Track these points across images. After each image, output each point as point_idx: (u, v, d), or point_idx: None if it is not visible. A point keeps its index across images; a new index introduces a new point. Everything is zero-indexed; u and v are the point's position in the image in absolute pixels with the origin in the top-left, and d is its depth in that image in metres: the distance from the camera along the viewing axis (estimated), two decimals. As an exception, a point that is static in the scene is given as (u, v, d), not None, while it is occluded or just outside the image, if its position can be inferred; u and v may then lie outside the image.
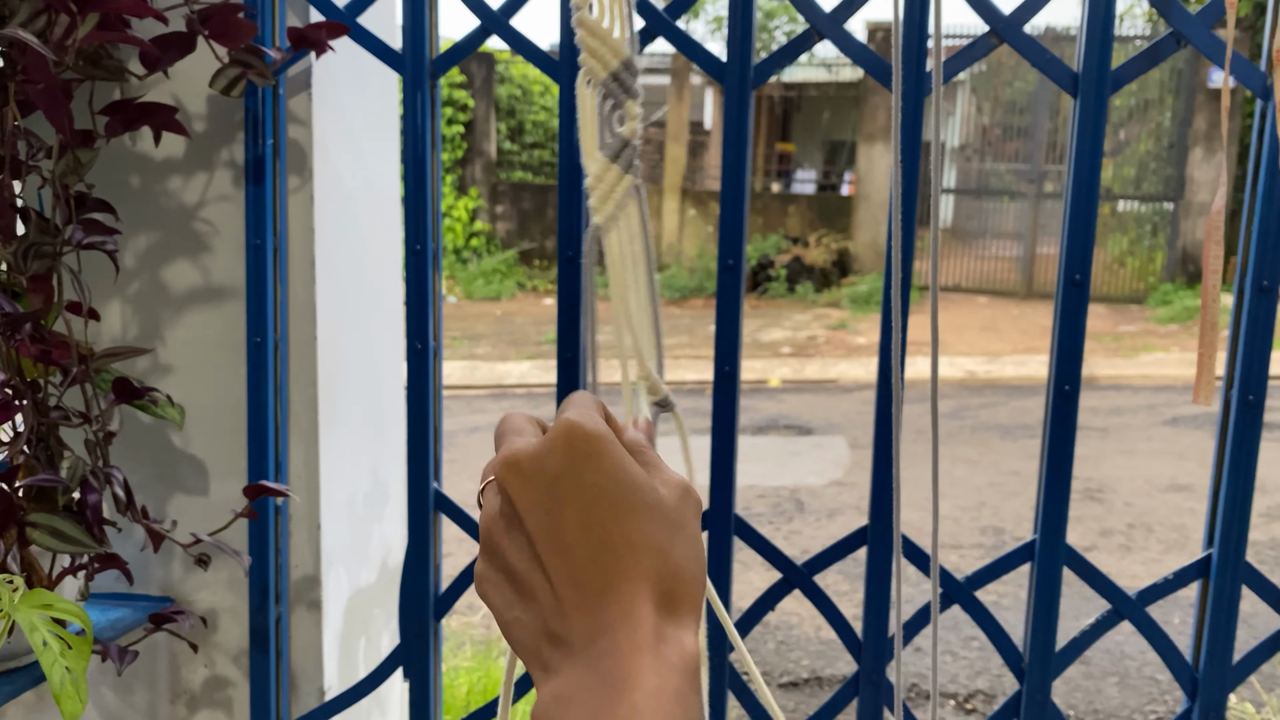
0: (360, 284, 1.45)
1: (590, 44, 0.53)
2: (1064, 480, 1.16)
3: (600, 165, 0.55)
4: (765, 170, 15.14)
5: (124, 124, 1.13)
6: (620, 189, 0.54)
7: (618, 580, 0.42)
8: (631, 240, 0.55)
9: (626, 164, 0.55)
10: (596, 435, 0.43)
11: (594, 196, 0.54)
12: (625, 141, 0.54)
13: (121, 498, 1.13)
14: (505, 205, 12.16)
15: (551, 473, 0.43)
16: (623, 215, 0.55)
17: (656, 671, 0.40)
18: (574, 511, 0.43)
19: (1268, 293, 1.09)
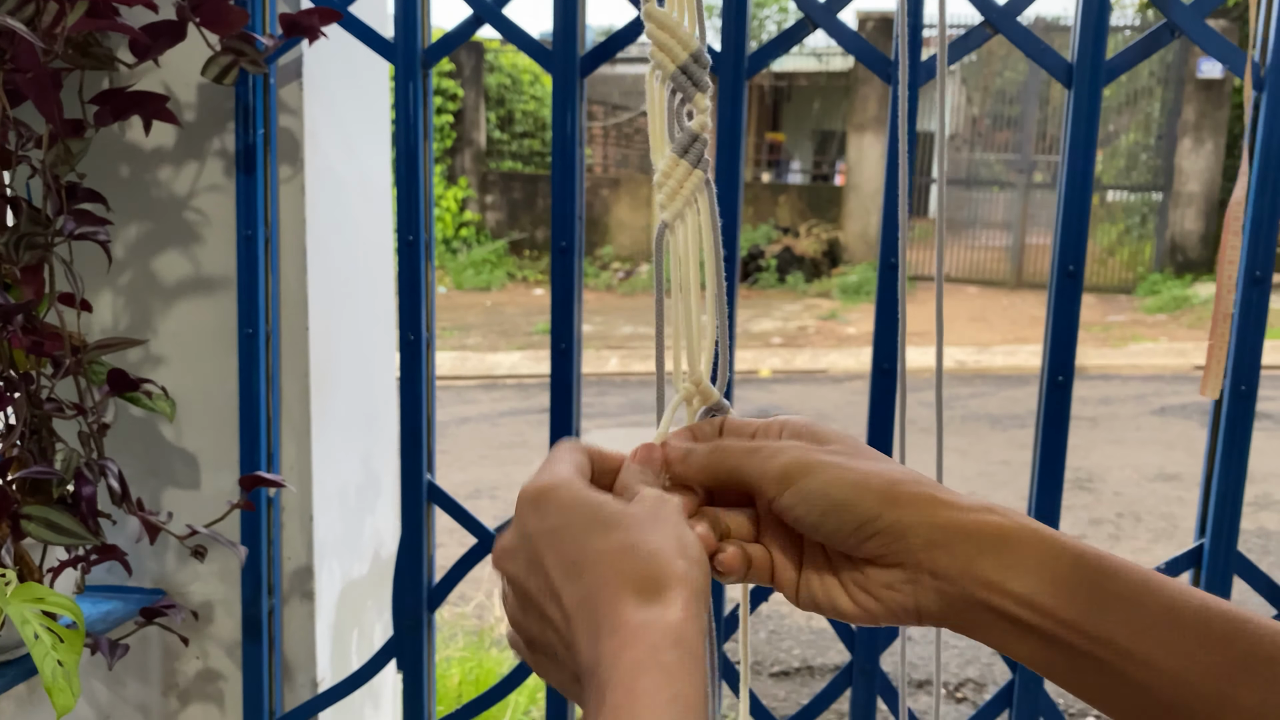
0: (352, 275, 1.45)
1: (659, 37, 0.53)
2: (1057, 470, 1.16)
3: (669, 161, 0.54)
4: (756, 160, 15.13)
5: (114, 113, 1.12)
6: (689, 184, 0.54)
7: (597, 595, 0.44)
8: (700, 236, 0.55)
9: (696, 159, 0.54)
10: (544, 488, 0.47)
11: (662, 192, 0.54)
12: (694, 135, 0.54)
13: (116, 490, 1.12)
14: (495, 195, 12.13)
15: (525, 535, 0.47)
16: (690, 211, 0.54)
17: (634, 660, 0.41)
18: (550, 558, 0.46)
19: (1260, 283, 1.09)
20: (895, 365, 1.20)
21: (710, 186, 0.55)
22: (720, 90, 1.17)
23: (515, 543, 0.47)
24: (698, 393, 0.55)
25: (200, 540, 1.16)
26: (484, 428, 6.04)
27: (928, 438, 4.30)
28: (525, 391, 7.02)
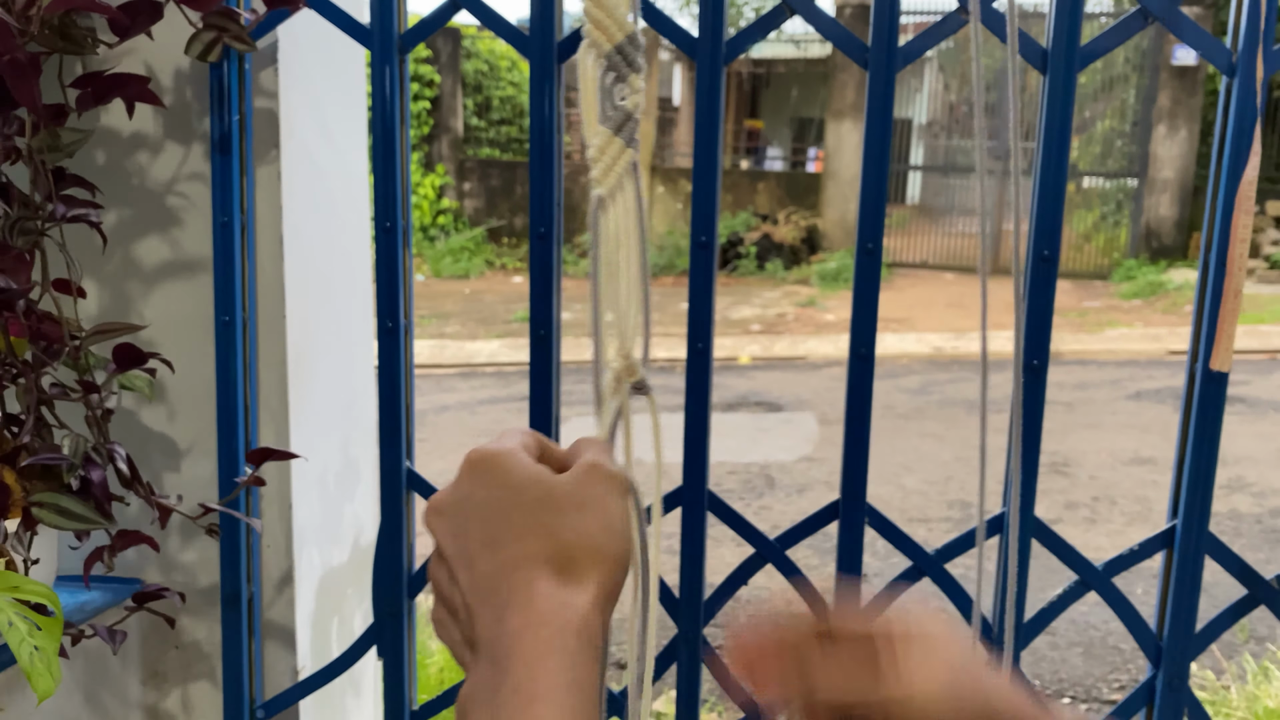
0: (330, 261, 1.44)
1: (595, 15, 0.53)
2: (1033, 454, 1.17)
3: (603, 138, 0.54)
4: (734, 147, 15.12)
5: (96, 97, 1.11)
6: (622, 162, 0.55)
7: (509, 570, 0.45)
8: (627, 216, 0.55)
9: (628, 138, 0.55)
10: (490, 454, 0.48)
11: (597, 169, 0.54)
12: (628, 115, 0.55)
13: (125, 473, 1.12)
14: (473, 182, 12.08)
15: (457, 500, 0.48)
16: (620, 191, 0.55)
17: (538, 639, 0.43)
18: (474, 526, 0.47)
19: (1223, 267, 1.10)
20: (872, 350, 1.21)
21: (637, 169, 0.56)
22: (698, 76, 1.17)
23: (447, 503, 0.48)
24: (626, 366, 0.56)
25: (212, 520, 1.16)
26: (463, 416, 6.04)
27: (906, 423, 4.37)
28: (504, 379, 7.01)
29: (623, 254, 0.55)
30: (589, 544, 0.46)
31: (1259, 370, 7.02)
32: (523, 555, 0.45)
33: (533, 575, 0.45)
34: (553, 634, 0.43)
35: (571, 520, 0.46)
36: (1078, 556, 1.19)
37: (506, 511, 0.46)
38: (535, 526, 0.46)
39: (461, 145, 12.11)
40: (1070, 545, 1.20)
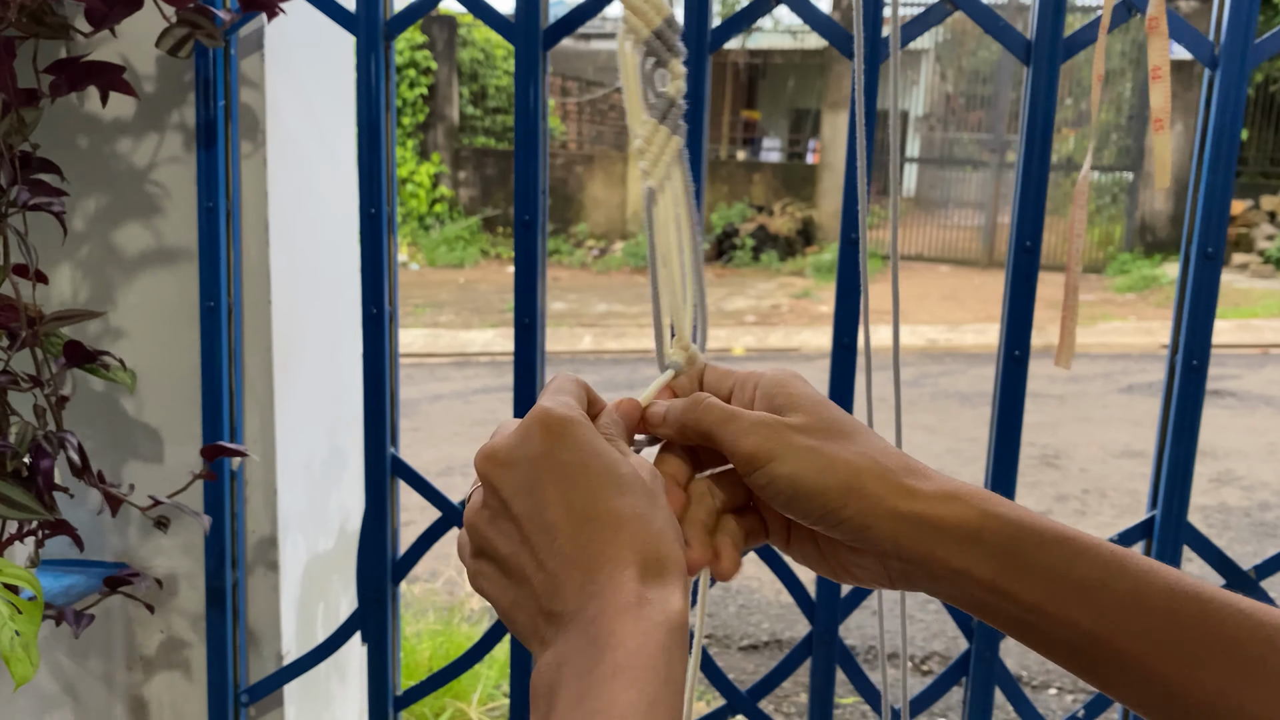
0: (316, 248, 1.44)
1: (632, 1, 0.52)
2: (1013, 443, 1.18)
3: (649, 127, 0.53)
4: (731, 138, 15.10)
5: (70, 83, 1.10)
6: (670, 151, 0.53)
7: (603, 549, 0.43)
8: (677, 204, 0.54)
9: (674, 125, 0.53)
10: (568, 419, 0.45)
11: (646, 159, 0.53)
12: (671, 101, 0.53)
13: (76, 462, 1.12)
14: (468, 171, 12.06)
15: (530, 457, 0.45)
16: (669, 180, 0.54)
17: (640, 630, 0.41)
18: (555, 490, 0.44)
19: (1211, 260, 1.11)
20: (855, 340, 1.21)
21: (685, 155, 0.54)
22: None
23: (514, 456, 0.45)
24: (689, 358, 0.55)
25: (163, 511, 1.16)
26: (456, 405, 6.04)
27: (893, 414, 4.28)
28: (498, 369, 7.01)
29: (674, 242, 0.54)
30: (670, 540, 0.45)
31: (1250, 365, 7.04)
32: (622, 535, 0.43)
33: (629, 561, 0.43)
34: (656, 625, 0.41)
35: (656, 513, 0.45)
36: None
37: (595, 486, 0.44)
38: (630, 510, 0.44)
39: (457, 134, 12.09)
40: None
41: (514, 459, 0.45)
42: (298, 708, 1.46)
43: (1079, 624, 0.44)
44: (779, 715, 2.76)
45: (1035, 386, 6.35)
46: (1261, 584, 1.19)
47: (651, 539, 0.44)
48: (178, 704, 1.43)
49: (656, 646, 0.41)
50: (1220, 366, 6.83)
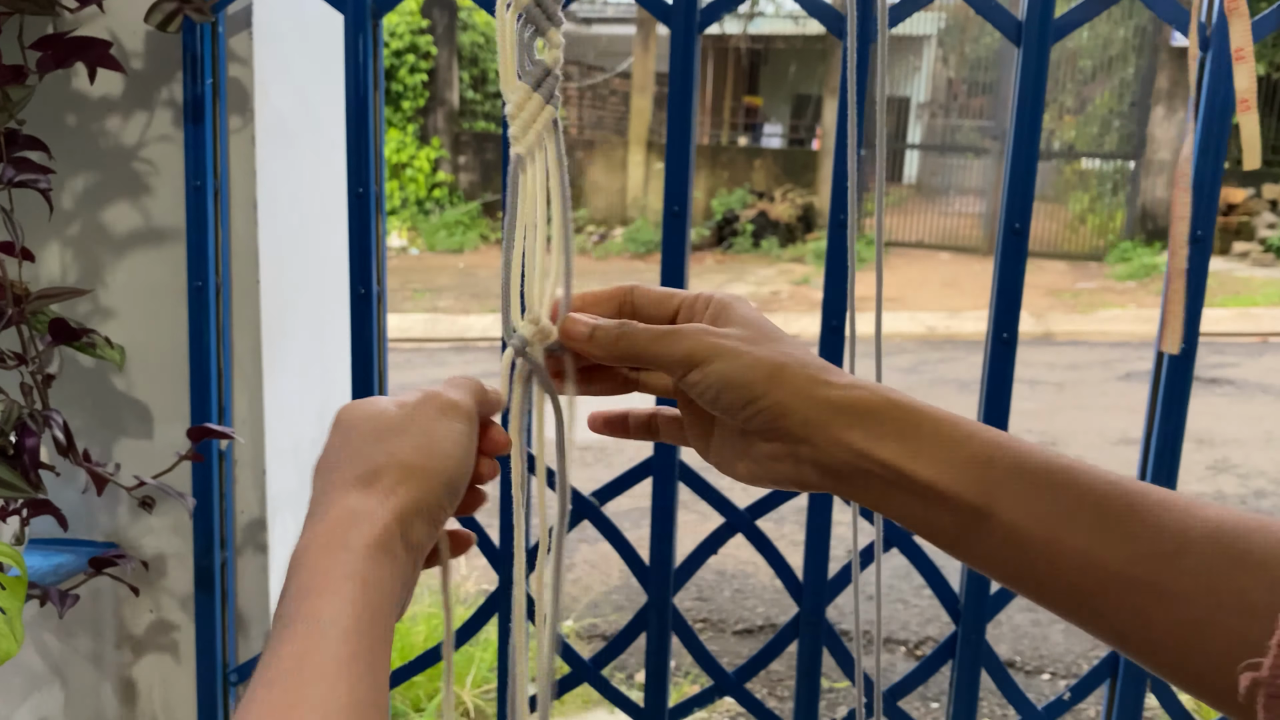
0: (304, 227, 1.44)
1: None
2: (1001, 425, 1.18)
3: (521, 93, 0.53)
4: (732, 124, 15.06)
5: (56, 59, 1.10)
6: (541, 119, 0.53)
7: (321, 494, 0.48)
8: (550, 176, 0.54)
9: (548, 94, 0.53)
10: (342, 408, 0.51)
11: (514, 125, 0.53)
12: (547, 70, 0.53)
13: (62, 441, 1.12)
14: (468, 156, 12.03)
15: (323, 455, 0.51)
16: (539, 150, 0.54)
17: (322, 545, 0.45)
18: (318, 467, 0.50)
19: (1200, 243, 1.10)
20: (844, 323, 1.21)
21: (559, 126, 0.54)
22: (672, 43, 1.17)
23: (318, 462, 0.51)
24: (538, 331, 0.55)
25: (148, 491, 1.16)
26: (454, 389, 6.03)
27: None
28: (497, 354, 7.00)
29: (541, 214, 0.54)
30: (396, 461, 0.48)
31: (1249, 353, 7.03)
32: (336, 479, 0.48)
33: (337, 495, 0.47)
34: (334, 537, 0.45)
35: (387, 444, 0.49)
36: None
37: (341, 447, 0.49)
38: (353, 454, 0.49)
39: (457, 118, 12.05)
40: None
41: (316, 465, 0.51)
42: (287, 687, 1.46)
43: (964, 498, 0.47)
44: (772, 699, 2.77)
45: (1033, 374, 6.35)
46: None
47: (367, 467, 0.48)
48: (166, 683, 1.44)
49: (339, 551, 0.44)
50: (1219, 354, 6.83)
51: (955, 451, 0.48)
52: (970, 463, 0.48)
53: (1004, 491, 0.47)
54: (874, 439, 0.49)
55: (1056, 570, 0.46)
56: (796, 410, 0.50)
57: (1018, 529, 0.46)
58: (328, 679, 0.40)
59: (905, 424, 0.49)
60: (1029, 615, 3.26)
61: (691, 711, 1.34)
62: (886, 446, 0.49)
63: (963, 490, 0.47)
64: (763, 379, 0.50)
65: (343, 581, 0.43)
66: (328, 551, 0.45)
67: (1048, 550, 0.46)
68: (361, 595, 0.43)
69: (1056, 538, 0.45)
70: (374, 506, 0.46)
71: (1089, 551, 0.45)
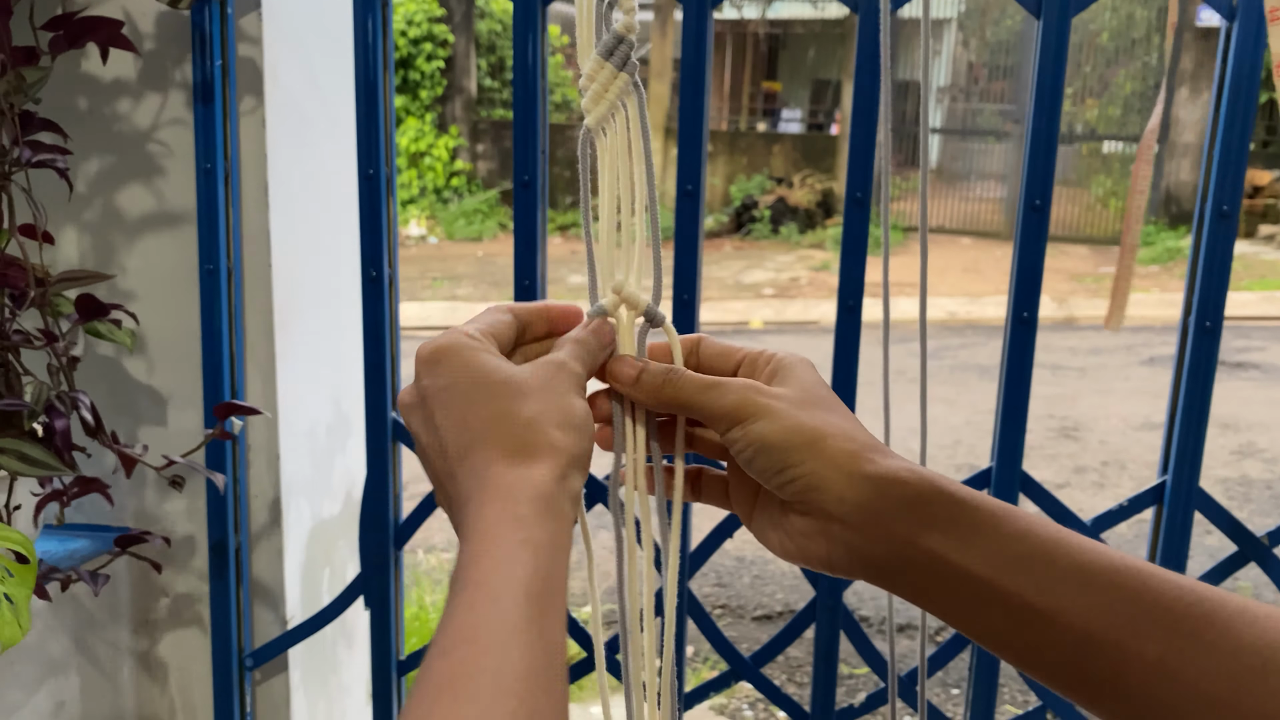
0: (317, 210, 1.43)
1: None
2: (1021, 407, 1.16)
3: (593, 63, 0.52)
4: (751, 109, 14.98)
5: (69, 40, 1.09)
6: (615, 87, 0.52)
7: (470, 453, 0.47)
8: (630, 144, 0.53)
9: (621, 61, 0.52)
10: (438, 348, 0.49)
11: (586, 97, 0.52)
12: (620, 37, 0.51)
13: (90, 422, 1.12)
14: (486, 144, 12.01)
15: (417, 397, 0.50)
16: (618, 117, 0.52)
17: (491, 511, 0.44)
18: (440, 414, 0.48)
19: (1227, 218, 1.08)
20: (860, 303, 1.19)
21: (639, 90, 0.53)
22: (685, 23, 1.15)
23: (413, 398, 0.50)
24: (622, 301, 0.54)
25: (177, 471, 1.16)
26: (473, 377, 6.04)
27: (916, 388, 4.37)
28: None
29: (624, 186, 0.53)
30: (542, 428, 0.47)
31: (1275, 337, 6.94)
32: (482, 438, 0.47)
33: (490, 456, 0.46)
34: (504, 505, 0.44)
35: (530, 405, 0.48)
36: (1065, 511, 1.18)
37: (471, 399, 0.48)
38: (493, 412, 0.47)
39: (475, 106, 12.04)
40: (1058, 499, 1.18)
41: (412, 401, 0.50)
42: (302, 671, 1.46)
43: (1024, 597, 0.44)
44: (791, 685, 2.76)
45: (1056, 359, 6.29)
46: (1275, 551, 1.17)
47: (518, 430, 0.47)
48: (183, 667, 1.44)
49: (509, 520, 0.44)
50: (1245, 339, 6.75)
51: (1012, 546, 0.44)
52: (1029, 559, 0.44)
53: (1066, 592, 0.43)
54: (919, 526, 0.46)
55: (1125, 681, 0.42)
56: (832, 485, 0.47)
57: (1082, 634, 0.43)
58: (501, 647, 0.40)
59: (956, 512, 0.45)
60: (1051, 601, 3.23)
61: (708, 696, 1.33)
62: (933, 536, 0.45)
63: (1021, 589, 0.44)
64: (801, 446, 0.48)
65: (517, 548, 0.43)
66: (500, 520, 0.44)
67: (1116, 658, 0.42)
68: (532, 559, 0.43)
69: (1126, 646, 0.42)
70: (539, 474, 0.46)
71: (1163, 662, 0.41)
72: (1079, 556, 0.44)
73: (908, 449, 4.65)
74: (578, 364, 0.51)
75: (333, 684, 1.55)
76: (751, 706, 2.59)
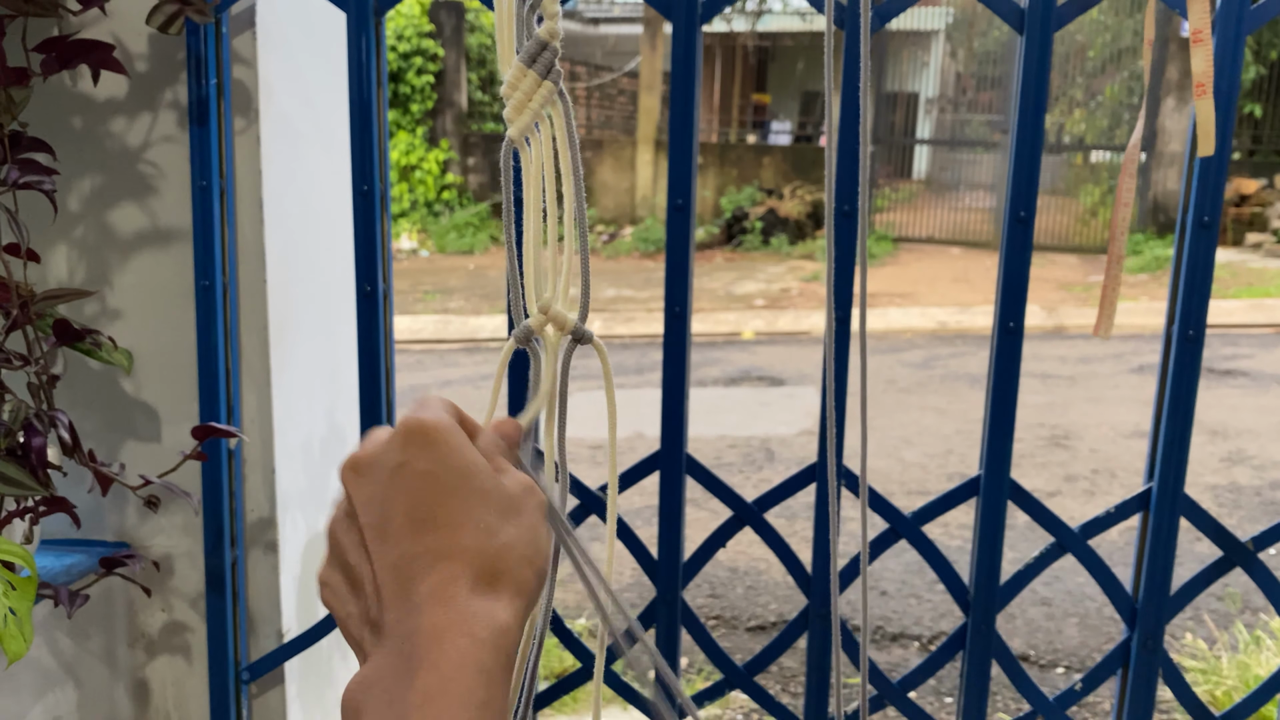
0: (312, 227, 1.44)
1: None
2: (1008, 416, 1.17)
3: (515, 70, 0.50)
4: (740, 121, 15.04)
5: (60, 62, 1.11)
6: (538, 97, 0.50)
7: (434, 558, 0.42)
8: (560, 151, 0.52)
9: (545, 69, 0.50)
10: (435, 427, 0.43)
11: (509, 106, 0.50)
12: (543, 44, 0.50)
13: (67, 440, 1.12)
14: (477, 157, 12.04)
15: (389, 467, 0.43)
16: (543, 127, 0.51)
17: (457, 649, 0.40)
18: (403, 499, 0.43)
19: (1207, 228, 1.10)
20: (849, 314, 1.21)
21: (565, 99, 0.51)
22: (674, 36, 1.17)
23: (373, 464, 0.44)
24: (548, 321, 0.53)
25: (153, 491, 1.16)
26: (466, 390, 6.05)
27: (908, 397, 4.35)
28: (507, 354, 7.00)
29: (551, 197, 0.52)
30: (517, 556, 0.43)
31: (1263, 344, 6.99)
32: (453, 548, 0.42)
33: (458, 573, 0.42)
34: (471, 645, 0.40)
35: (508, 525, 0.44)
36: (1053, 518, 1.19)
37: (443, 495, 0.43)
38: (471, 522, 0.43)
39: (465, 120, 12.07)
40: (1045, 507, 1.20)
41: (371, 468, 0.44)
42: (299, 685, 1.46)
43: None
44: (786, 695, 2.77)
45: (1046, 368, 6.32)
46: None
47: (493, 552, 0.42)
48: (179, 681, 1.44)
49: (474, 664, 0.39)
50: (1233, 346, 6.79)
51: None
52: None
53: None
54: None
55: None
56: None
57: None
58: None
59: None
60: (1043, 609, 3.24)
61: (702, 705, 1.33)
62: None
63: None
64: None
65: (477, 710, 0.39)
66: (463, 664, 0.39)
67: None
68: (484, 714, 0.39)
69: None
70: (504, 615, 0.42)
71: None
72: None
73: (899, 458, 4.67)
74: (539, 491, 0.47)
75: (329, 697, 1.56)
76: (746, 717, 2.60)
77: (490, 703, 0.39)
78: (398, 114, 11.50)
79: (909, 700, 1.28)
